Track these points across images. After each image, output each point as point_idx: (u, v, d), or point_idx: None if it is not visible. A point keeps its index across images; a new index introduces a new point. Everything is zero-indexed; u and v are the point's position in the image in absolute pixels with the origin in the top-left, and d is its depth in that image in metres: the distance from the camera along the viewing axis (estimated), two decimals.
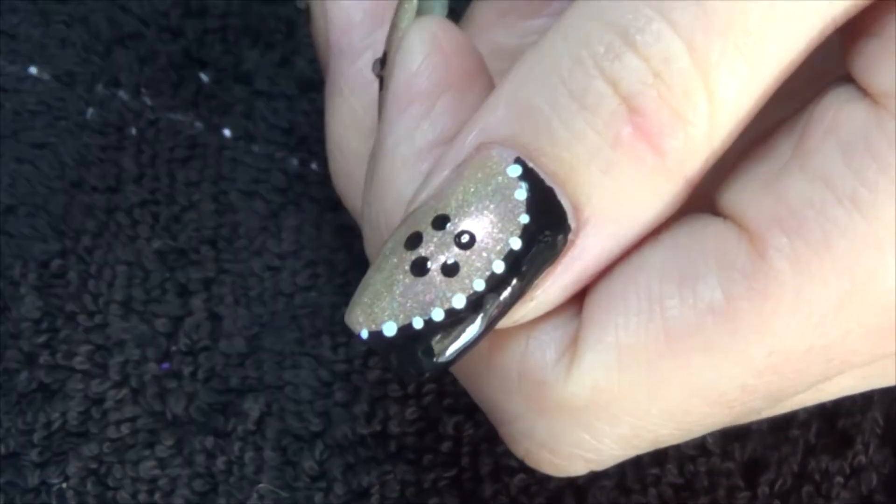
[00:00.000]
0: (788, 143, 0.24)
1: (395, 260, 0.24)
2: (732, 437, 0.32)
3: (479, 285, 0.23)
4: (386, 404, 0.32)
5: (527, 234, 0.23)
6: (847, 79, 0.24)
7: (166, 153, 0.35)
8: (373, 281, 0.24)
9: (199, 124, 0.36)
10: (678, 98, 0.22)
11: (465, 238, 0.23)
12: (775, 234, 0.23)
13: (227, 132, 0.36)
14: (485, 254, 0.23)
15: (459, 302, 0.23)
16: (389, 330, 0.23)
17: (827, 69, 0.24)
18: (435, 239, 0.23)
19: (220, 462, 0.31)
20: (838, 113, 0.23)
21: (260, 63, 0.37)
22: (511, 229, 0.23)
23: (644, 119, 0.23)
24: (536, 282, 0.24)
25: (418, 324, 0.23)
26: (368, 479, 0.31)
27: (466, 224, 0.23)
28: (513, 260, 0.23)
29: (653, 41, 0.22)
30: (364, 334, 0.24)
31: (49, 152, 0.35)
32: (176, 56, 0.37)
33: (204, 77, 0.36)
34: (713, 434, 0.31)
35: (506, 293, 0.23)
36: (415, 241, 0.24)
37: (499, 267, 0.23)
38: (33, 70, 0.36)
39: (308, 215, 0.35)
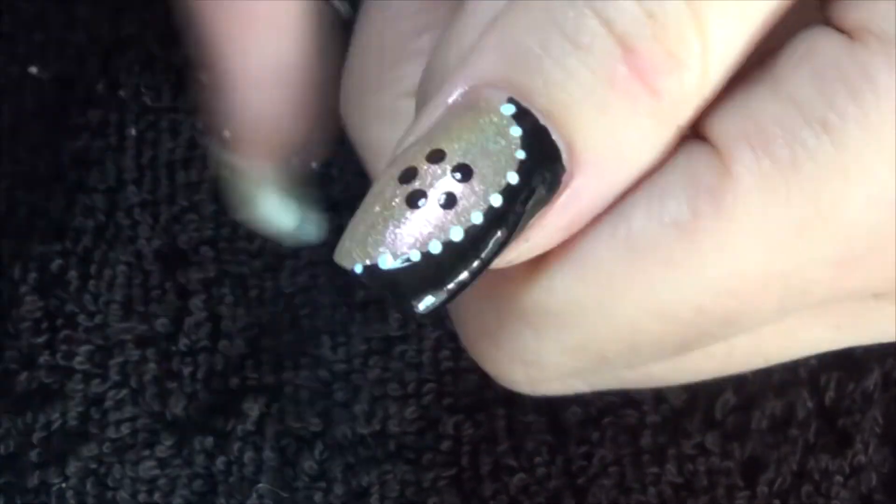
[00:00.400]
0: (762, 72, 0.23)
1: (389, 193, 0.23)
2: (732, 436, 0.32)
3: (478, 218, 0.22)
4: (385, 404, 0.32)
5: (523, 169, 0.23)
6: (823, 21, 0.23)
7: (166, 154, 0.35)
8: (366, 215, 0.23)
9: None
10: (672, 39, 0.22)
11: (462, 172, 0.23)
12: (743, 150, 0.22)
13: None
14: (483, 187, 0.23)
15: (458, 235, 0.22)
16: (385, 263, 0.22)
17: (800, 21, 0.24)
18: (430, 172, 0.23)
19: (220, 462, 0.31)
20: (813, 44, 0.23)
21: None
22: (508, 164, 0.23)
23: (639, 59, 0.22)
24: (531, 222, 0.23)
25: (416, 257, 0.22)
26: (368, 479, 0.31)
27: (462, 159, 0.23)
28: (510, 194, 0.23)
29: None
30: (358, 268, 0.23)
31: (49, 153, 0.35)
32: (176, 58, 0.37)
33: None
34: (713, 433, 0.32)
35: (502, 230, 0.23)
36: (409, 174, 0.23)
37: (497, 201, 0.23)
38: (33, 70, 0.36)
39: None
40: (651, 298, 0.23)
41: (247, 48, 0.30)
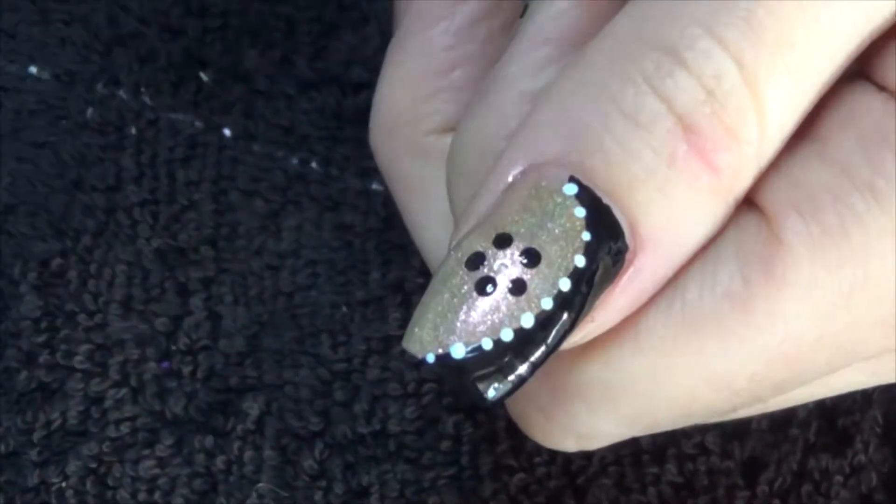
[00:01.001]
0: (807, 135, 0.24)
1: (457, 280, 0.23)
2: (732, 436, 0.32)
3: (548, 304, 0.22)
4: (385, 403, 0.32)
5: (590, 251, 0.23)
6: (862, 77, 0.24)
7: (166, 153, 0.35)
8: (435, 302, 0.23)
9: (198, 123, 0.36)
10: (731, 115, 0.22)
11: (529, 256, 0.23)
12: (792, 218, 0.23)
13: (226, 131, 0.36)
14: (551, 271, 0.23)
15: (528, 321, 0.22)
16: (458, 352, 0.22)
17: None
18: (498, 257, 0.23)
19: (220, 461, 0.31)
20: (856, 105, 0.23)
21: (260, 62, 0.37)
22: (575, 247, 0.23)
23: (699, 137, 0.22)
24: (597, 303, 0.23)
25: (487, 345, 0.22)
26: (368, 479, 0.31)
27: (529, 242, 0.23)
28: (578, 277, 0.23)
29: (703, 59, 0.22)
30: (430, 358, 0.23)
31: (49, 151, 0.35)
32: (176, 55, 0.37)
33: (204, 76, 0.36)
34: (713, 433, 0.32)
35: (569, 313, 0.23)
36: (477, 260, 0.23)
37: (565, 285, 0.22)
38: (33, 69, 0.36)
39: (308, 214, 0.35)
40: (705, 369, 0.23)
41: None
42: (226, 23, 0.37)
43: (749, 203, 0.24)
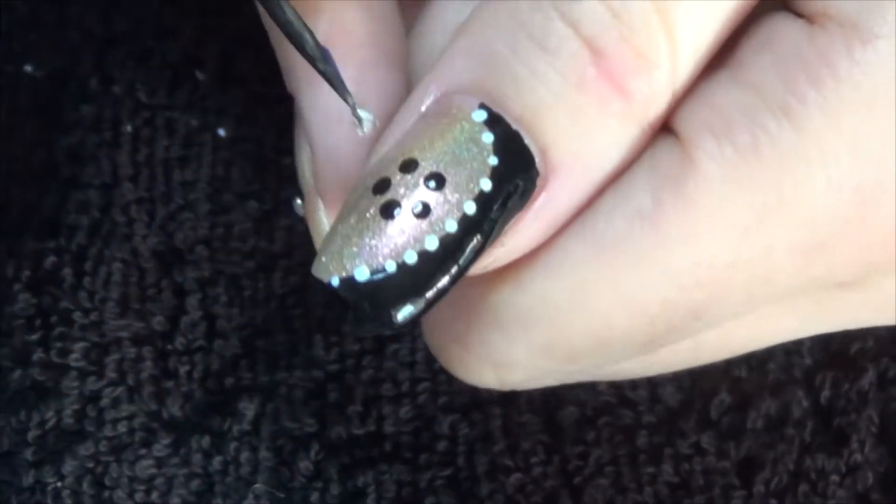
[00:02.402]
0: (723, 60, 0.23)
1: (364, 205, 0.23)
2: (728, 436, 0.32)
3: (452, 226, 0.23)
4: (380, 404, 0.32)
5: (496, 175, 0.23)
6: (781, 8, 0.24)
7: (162, 151, 0.35)
8: (341, 227, 0.23)
9: (194, 123, 0.36)
10: (640, 39, 0.22)
11: (435, 180, 0.23)
12: (705, 138, 0.23)
13: (221, 132, 0.36)
14: (456, 195, 0.23)
15: (432, 244, 0.23)
16: (361, 275, 0.23)
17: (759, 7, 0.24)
18: (404, 182, 0.23)
19: (217, 462, 0.31)
20: (773, 30, 0.23)
21: (254, 64, 0.37)
22: (481, 171, 0.23)
23: (607, 60, 0.22)
24: (507, 227, 0.23)
25: (391, 267, 0.23)
26: (364, 479, 0.31)
27: (435, 167, 0.23)
28: (484, 201, 0.23)
29: None
30: (335, 281, 0.23)
31: (44, 150, 0.35)
32: (172, 54, 0.36)
33: (199, 75, 0.36)
34: (709, 433, 0.32)
35: (478, 237, 0.23)
36: (383, 185, 0.23)
37: (470, 208, 0.23)
38: (28, 68, 0.36)
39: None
40: (619, 292, 0.23)
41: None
42: (222, 23, 0.37)
43: (664, 128, 0.24)
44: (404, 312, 0.23)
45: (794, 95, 0.22)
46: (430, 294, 0.23)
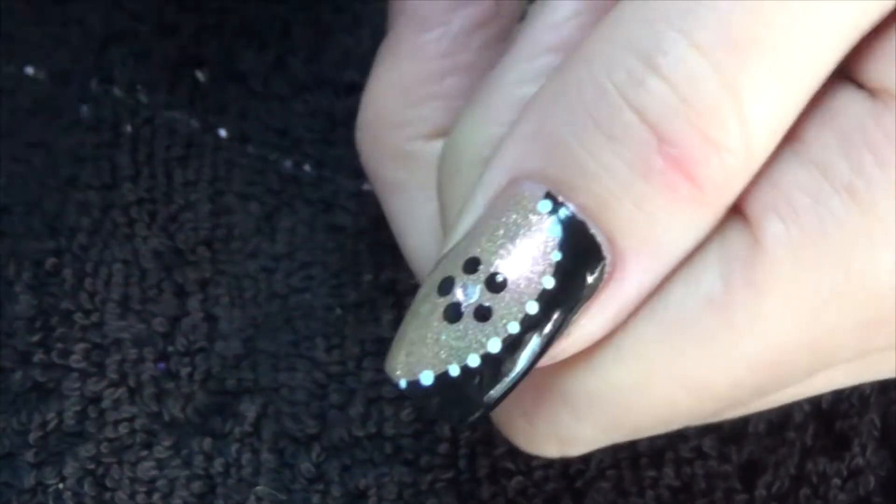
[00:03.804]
0: (787, 137, 0.23)
1: (429, 307, 0.23)
2: (729, 439, 0.32)
3: (514, 328, 0.23)
4: (381, 406, 0.32)
5: (560, 271, 0.23)
6: (843, 77, 0.23)
7: (162, 152, 0.35)
8: (408, 329, 0.23)
9: (194, 123, 0.36)
10: (709, 123, 0.22)
11: (497, 280, 0.23)
12: (772, 220, 0.22)
13: (222, 132, 0.36)
14: (518, 295, 0.23)
15: (495, 346, 0.23)
16: (426, 379, 0.23)
17: None
18: (467, 283, 0.23)
19: (218, 464, 0.31)
20: (836, 105, 0.23)
21: (255, 63, 0.37)
22: (543, 268, 0.23)
23: (675, 148, 0.22)
24: (575, 318, 0.23)
25: (455, 371, 0.23)
26: (365, 481, 0.31)
27: (498, 265, 0.23)
28: (547, 299, 0.23)
29: (676, 64, 0.22)
30: (403, 384, 0.23)
31: (44, 150, 0.35)
32: (171, 54, 0.36)
33: (199, 76, 0.36)
34: (710, 437, 0.32)
35: (543, 333, 0.23)
36: (447, 286, 0.23)
37: (532, 308, 0.23)
38: (29, 70, 0.36)
39: (302, 217, 0.35)
40: (687, 376, 0.23)
41: None
42: (221, 22, 0.37)
43: (732, 208, 0.23)
44: (471, 411, 0.23)
45: (858, 175, 0.22)
46: (495, 392, 0.23)
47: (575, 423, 0.25)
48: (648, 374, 0.23)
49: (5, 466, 0.31)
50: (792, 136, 0.23)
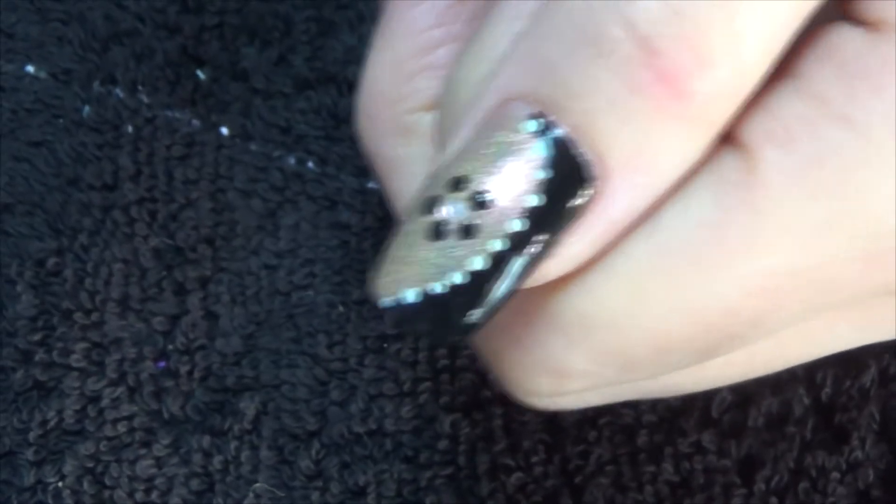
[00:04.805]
0: (785, 69, 0.23)
1: (414, 226, 0.23)
2: (728, 434, 0.32)
3: (499, 245, 0.22)
4: (381, 403, 0.32)
5: (546, 190, 0.22)
6: (841, 16, 0.23)
7: (163, 151, 0.35)
8: (392, 249, 0.23)
9: (196, 122, 0.36)
10: (699, 37, 0.21)
11: (482, 198, 0.23)
12: (768, 148, 0.22)
13: (224, 130, 0.36)
14: (503, 213, 0.22)
15: (479, 264, 0.22)
16: (410, 297, 0.23)
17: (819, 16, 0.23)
18: (452, 202, 0.23)
19: (217, 461, 0.31)
20: (834, 42, 0.23)
21: (257, 61, 0.37)
22: (530, 187, 0.22)
23: (663, 61, 0.22)
24: (562, 237, 0.23)
25: (438, 289, 0.23)
26: (365, 478, 0.31)
27: (484, 184, 0.23)
28: (533, 218, 0.22)
29: None
30: (386, 304, 0.23)
31: (45, 150, 0.35)
32: (173, 53, 0.36)
33: (201, 74, 0.36)
34: (709, 431, 0.32)
35: (529, 251, 0.23)
36: (430, 205, 0.23)
37: (517, 226, 0.22)
38: (30, 69, 0.36)
39: (305, 214, 0.35)
40: (680, 299, 0.23)
41: None
42: (223, 20, 0.37)
43: (728, 137, 0.23)
44: (457, 330, 0.23)
45: (856, 105, 0.22)
46: (481, 310, 0.23)
47: (567, 348, 0.24)
48: (641, 296, 0.23)
49: (5, 465, 0.31)
50: (791, 72, 0.23)
